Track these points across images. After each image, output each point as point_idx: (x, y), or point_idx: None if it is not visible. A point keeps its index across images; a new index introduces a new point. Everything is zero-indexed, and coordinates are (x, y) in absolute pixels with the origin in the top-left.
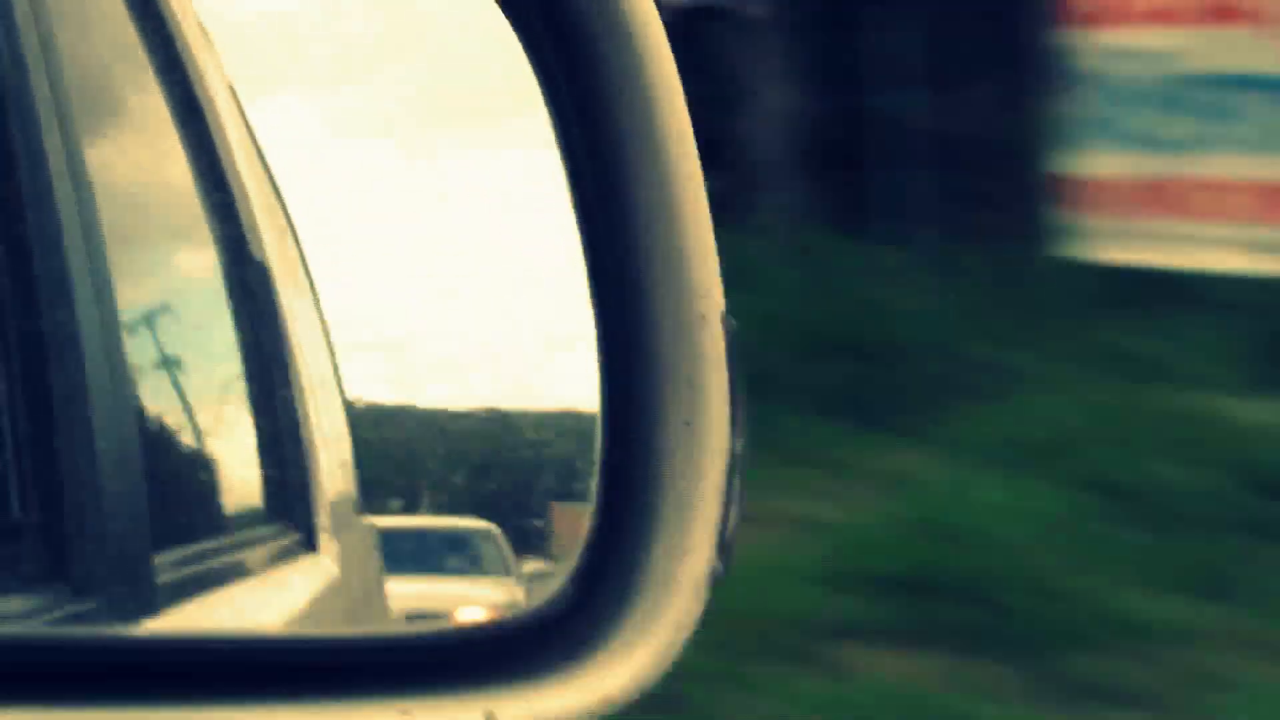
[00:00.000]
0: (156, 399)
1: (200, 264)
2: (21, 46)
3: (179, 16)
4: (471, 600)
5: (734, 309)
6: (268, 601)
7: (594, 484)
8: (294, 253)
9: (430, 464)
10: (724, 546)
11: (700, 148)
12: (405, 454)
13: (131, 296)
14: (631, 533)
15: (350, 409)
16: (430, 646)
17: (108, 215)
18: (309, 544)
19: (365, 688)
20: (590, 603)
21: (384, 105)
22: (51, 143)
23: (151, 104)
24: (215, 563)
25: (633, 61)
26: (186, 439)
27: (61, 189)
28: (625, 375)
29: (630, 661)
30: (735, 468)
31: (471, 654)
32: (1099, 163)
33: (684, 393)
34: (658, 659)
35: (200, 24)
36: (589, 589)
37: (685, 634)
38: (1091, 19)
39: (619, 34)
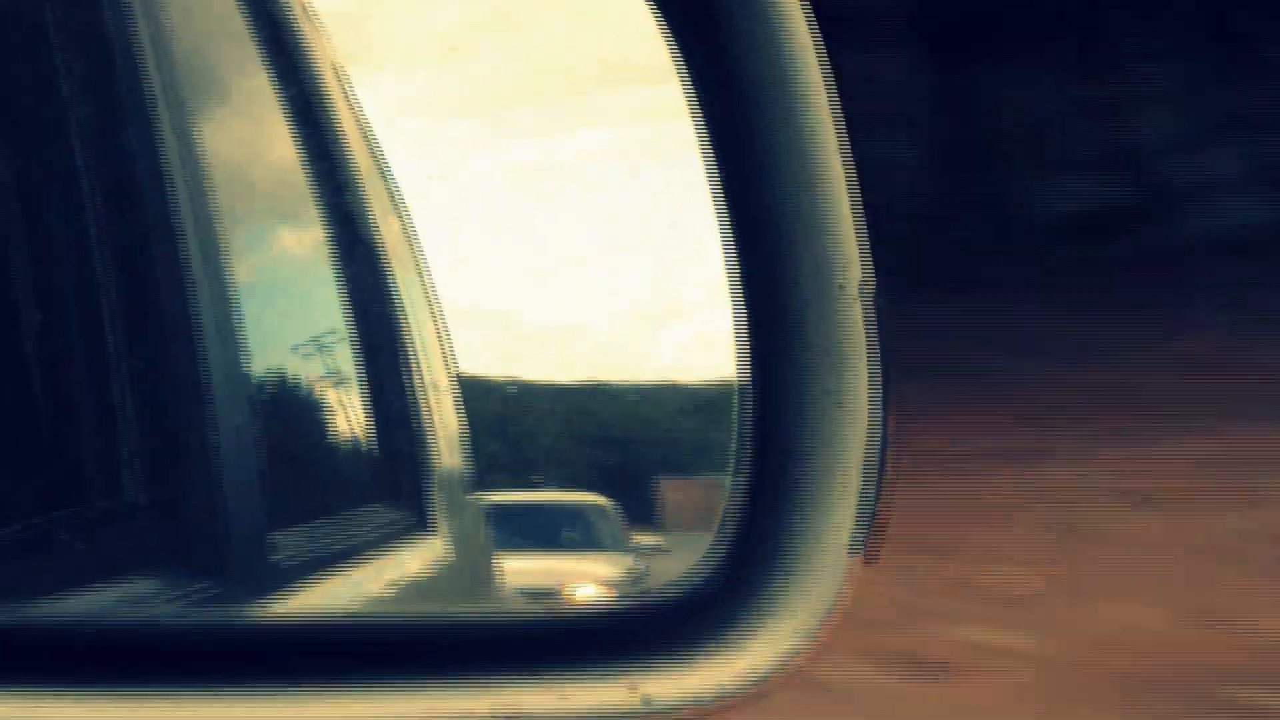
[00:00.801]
0: (270, 379)
1: (309, 242)
2: (133, 32)
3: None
4: (584, 576)
5: None
6: (382, 581)
7: (739, 460)
8: (401, 227)
9: (542, 438)
10: (872, 522)
11: None
12: (517, 427)
13: (243, 276)
14: (777, 509)
15: (462, 384)
16: (579, 627)
17: (220, 196)
18: (421, 523)
19: (517, 669)
20: (736, 579)
21: (492, 77)
22: (164, 127)
23: (258, 84)
24: (330, 542)
25: (770, 25)
26: (301, 419)
27: (175, 172)
28: (769, 349)
29: (777, 637)
30: (883, 442)
31: (620, 633)
32: None
33: (828, 365)
34: (804, 635)
35: (306, 3)
36: (735, 565)
37: (832, 610)
38: None
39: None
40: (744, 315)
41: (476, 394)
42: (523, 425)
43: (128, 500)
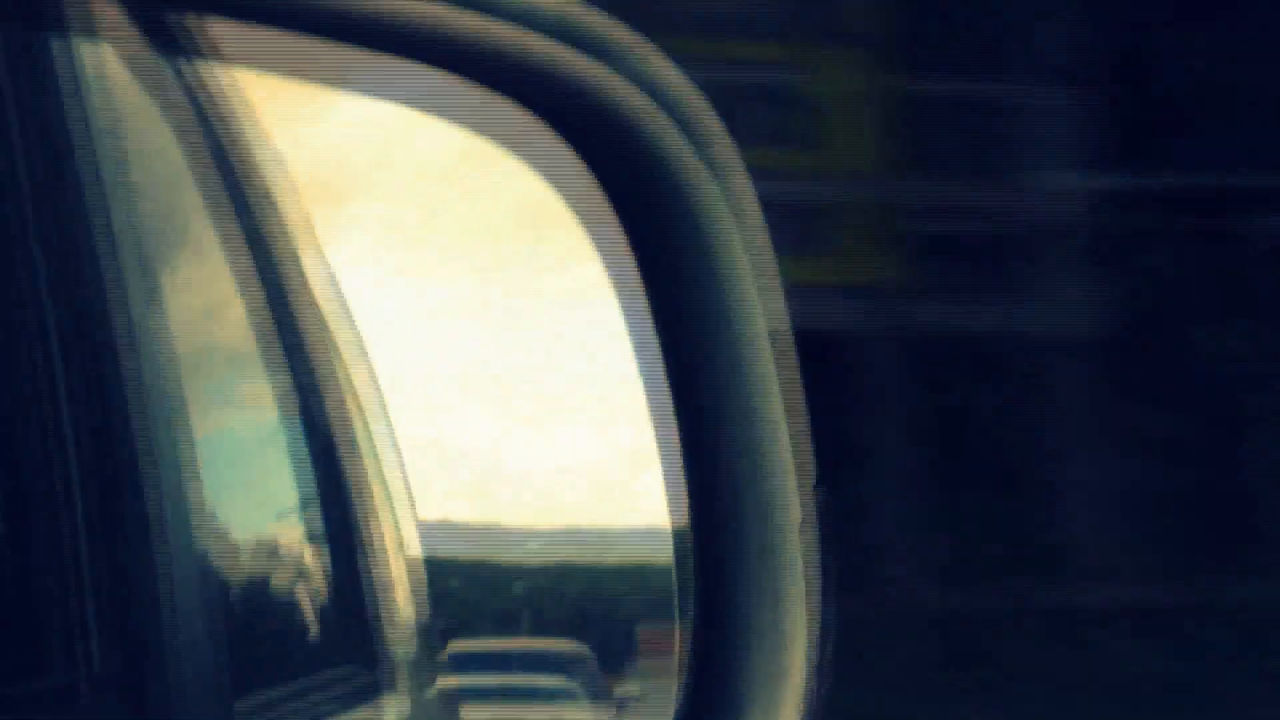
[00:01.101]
0: (231, 541)
1: (273, 399)
2: (103, 182)
3: (255, 152)
4: None
5: None
6: None
7: (682, 660)
8: (369, 378)
9: (519, 583)
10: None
11: None
12: (493, 575)
13: (206, 433)
14: (721, 707)
15: (438, 529)
16: None
17: (181, 351)
18: (386, 682)
19: None
20: None
21: (460, 230)
22: (130, 286)
23: (223, 231)
24: (292, 708)
25: (721, 249)
26: (262, 581)
27: (140, 331)
28: (715, 550)
29: None
30: (823, 640)
31: None
32: None
33: (772, 567)
34: None
35: (278, 158)
36: None
37: None
38: None
39: (714, 231)
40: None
41: (454, 539)
42: (499, 570)
43: (85, 673)
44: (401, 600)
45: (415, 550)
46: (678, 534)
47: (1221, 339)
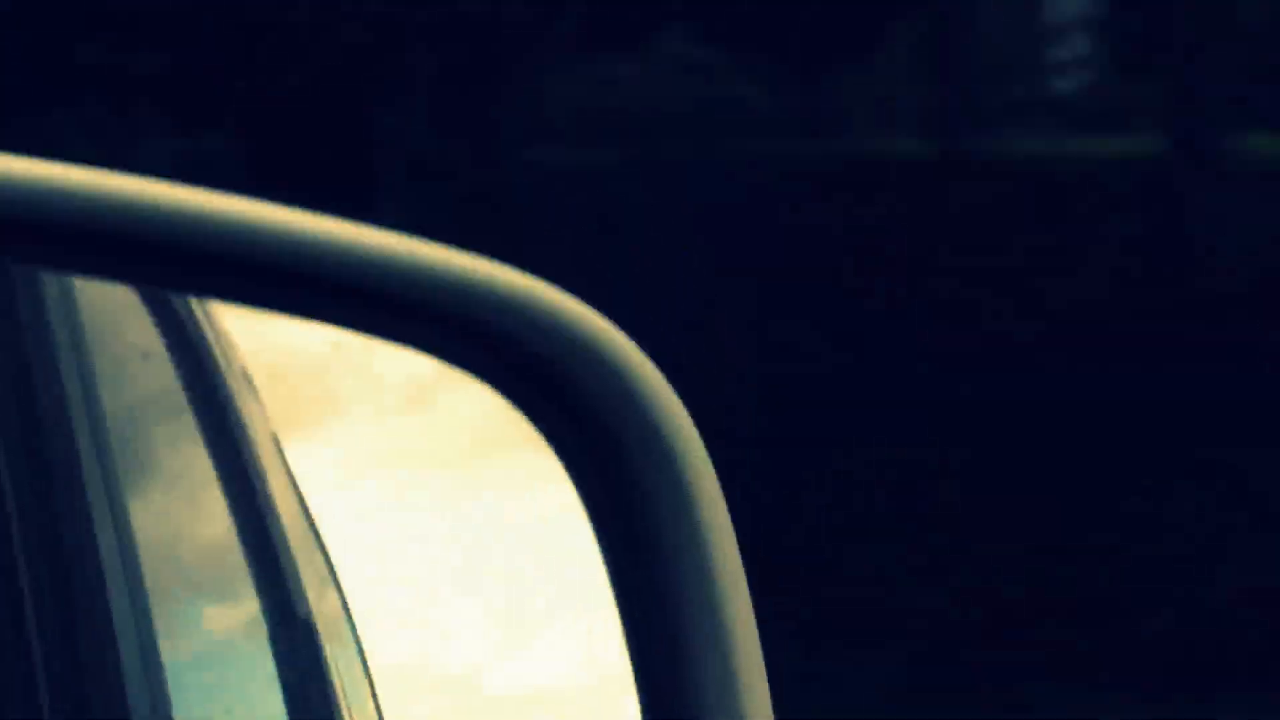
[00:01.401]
0: None
1: (241, 619)
2: (66, 401)
3: (223, 365)
4: None
5: None
6: None
7: None
8: (339, 601)
9: None
10: None
11: None
12: None
13: (173, 653)
14: None
15: None
16: None
17: (150, 572)
18: None
19: None
20: None
21: (451, 431)
22: (97, 501)
23: (192, 456)
24: None
25: (684, 510)
26: None
27: (108, 552)
28: None
29: None
30: None
31: None
32: None
33: None
34: None
35: (244, 371)
36: None
37: None
38: None
39: (671, 478)
40: None
41: None
42: None
43: None
44: None
45: None
46: None
47: None
